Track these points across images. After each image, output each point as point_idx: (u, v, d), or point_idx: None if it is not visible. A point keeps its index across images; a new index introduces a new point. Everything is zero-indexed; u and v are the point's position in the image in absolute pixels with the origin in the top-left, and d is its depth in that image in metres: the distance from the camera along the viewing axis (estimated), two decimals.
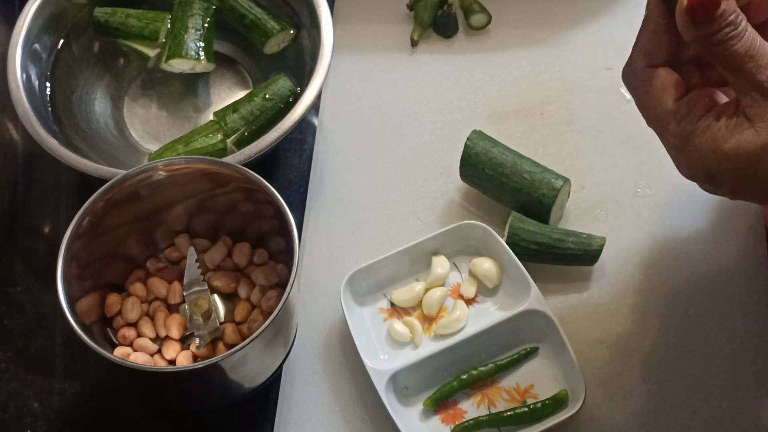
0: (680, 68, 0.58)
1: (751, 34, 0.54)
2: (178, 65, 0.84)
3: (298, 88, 0.82)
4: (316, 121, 0.87)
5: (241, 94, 0.86)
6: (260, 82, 0.86)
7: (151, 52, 0.87)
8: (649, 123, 0.59)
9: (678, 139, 0.56)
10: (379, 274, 0.76)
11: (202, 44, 0.84)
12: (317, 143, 0.86)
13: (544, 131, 0.85)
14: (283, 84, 0.82)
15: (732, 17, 0.53)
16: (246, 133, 0.81)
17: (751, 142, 0.53)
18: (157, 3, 0.88)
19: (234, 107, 0.82)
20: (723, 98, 0.58)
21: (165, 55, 0.83)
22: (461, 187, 0.82)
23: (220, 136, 0.80)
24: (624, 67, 0.60)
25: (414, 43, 0.91)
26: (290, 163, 0.85)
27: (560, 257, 0.76)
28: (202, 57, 0.84)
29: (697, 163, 0.56)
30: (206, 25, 0.85)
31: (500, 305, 0.75)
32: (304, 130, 0.87)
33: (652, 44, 0.57)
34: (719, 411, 0.71)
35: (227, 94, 0.87)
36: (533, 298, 0.72)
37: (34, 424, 0.73)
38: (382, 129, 0.87)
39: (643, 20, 0.58)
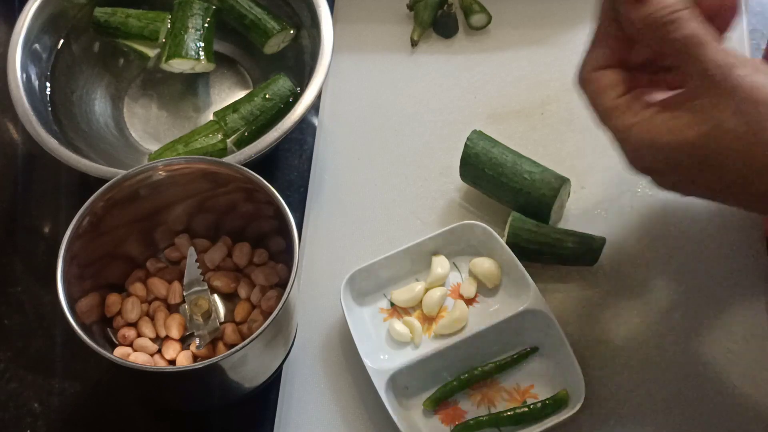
0: (629, 73, 0.60)
1: (696, 18, 0.54)
2: (177, 65, 0.84)
3: (298, 88, 0.82)
4: (316, 121, 0.87)
5: (241, 94, 0.86)
6: (260, 82, 0.86)
7: (151, 52, 0.87)
8: (598, 122, 0.60)
9: (620, 133, 0.57)
10: (379, 274, 0.76)
11: (202, 44, 0.84)
12: (317, 143, 0.86)
13: (544, 131, 0.85)
14: (283, 84, 0.82)
15: (670, 2, 0.54)
16: (246, 133, 0.81)
17: (689, 131, 0.54)
18: (157, 3, 0.88)
19: (234, 107, 0.82)
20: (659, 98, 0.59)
21: (165, 55, 0.83)
22: (461, 187, 0.82)
23: (220, 136, 0.80)
24: (576, 73, 0.61)
25: (414, 43, 0.91)
26: (290, 163, 0.85)
27: (560, 257, 0.76)
28: (202, 57, 0.84)
29: (637, 155, 0.57)
30: (206, 25, 0.85)
31: (500, 305, 0.75)
32: (304, 130, 0.87)
33: (599, 48, 0.59)
34: (719, 411, 0.71)
35: (227, 94, 0.87)
36: (533, 298, 0.72)
37: (34, 424, 0.73)
38: (382, 129, 0.87)
39: (596, 23, 0.60)
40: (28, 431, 0.73)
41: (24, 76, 0.80)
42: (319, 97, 0.82)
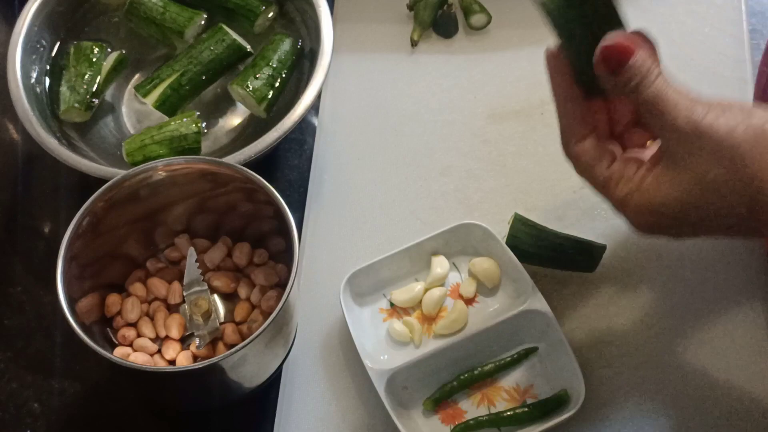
0: (605, 139, 0.63)
1: (663, 80, 0.57)
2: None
3: (299, 42, 0.84)
4: (316, 121, 0.87)
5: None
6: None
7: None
8: (595, 192, 0.62)
9: (618, 203, 0.59)
10: (378, 275, 0.76)
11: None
12: (317, 143, 0.86)
13: (544, 131, 0.85)
14: (285, 42, 0.84)
15: (640, 65, 0.57)
16: (273, 95, 0.82)
17: (675, 188, 0.56)
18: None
19: (253, 73, 0.82)
20: (649, 155, 0.61)
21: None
22: (461, 187, 0.82)
23: (193, 125, 0.80)
24: (562, 149, 0.63)
25: (414, 43, 0.91)
26: (290, 163, 0.85)
27: (559, 262, 0.76)
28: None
29: (640, 220, 0.59)
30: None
31: (500, 305, 0.75)
32: (304, 130, 0.87)
33: (570, 122, 0.62)
34: (719, 411, 0.71)
35: (224, 91, 0.87)
36: (533, 298, 0.72)
37: (34, 424, 0.73)
38: (382, 129, 0.87)
39: (557, 106, 0.62)
40: (28, 431, 0.73)
41: (24, 76, 0.80)
42: (319, 97, 0.82)
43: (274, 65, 0.83)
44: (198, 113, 0.82)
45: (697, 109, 0.55)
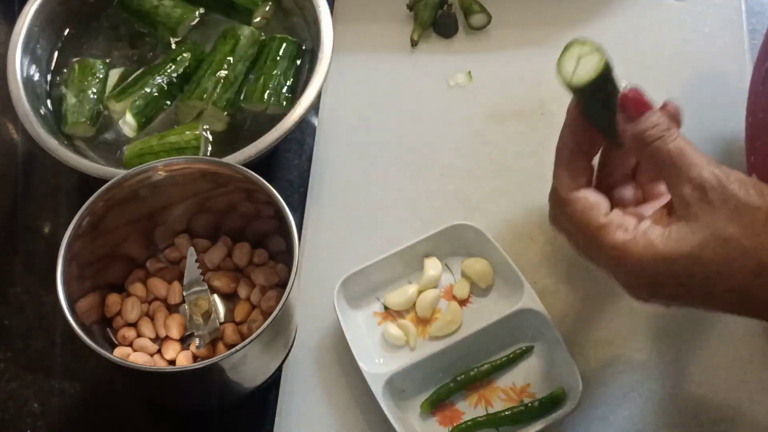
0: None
1: (680, 135, 0.57)
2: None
3: (303, 46, 0.85)
4: (316, 121, 0.87)
5: None
6: None
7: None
8: (581, 247, 0.60)
9: (615, 250, 0.57)
10: (371, 278, 0.76)
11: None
12: (317, 143, 0.86)
13: (544, 131, 0.85)
14: (286, 44, 0.84)
15: (663, 119, 0.58)
16: (288, 93, 0.82)
17: (688, 241, 0.55)
18: None
19: (263, 79, 0.82)
20: (648, 211, 0.60)
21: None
22: (461, 187, 0.82)
23: (194, 141, 0.80)
24: (549, 196, 0.62)
25: (414, 43, 0.91)
26: (290, 163, 0.85)
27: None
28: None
29: (637, 271, 0.56)
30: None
31: (494, 305, 0.75)
32: (304, 130, 0.87)
33: (571, 171, 0.61)
34: (719, 411, 0.71)
35: None
36: (526, 297, 0.72)
37: (34, 424, 0.73)
38: (382, 129, 0.87)
39: (558, 150, 0.62)
40: (28, 431, 0.73)
41: (24, 76, 0.80)
42: (319, 97, 0.82)
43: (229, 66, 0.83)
44: (206, 126, 0.82)
45: (721, 173, 0.55)
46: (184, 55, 0.84)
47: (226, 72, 0.83)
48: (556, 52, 0.90)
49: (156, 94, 0.82)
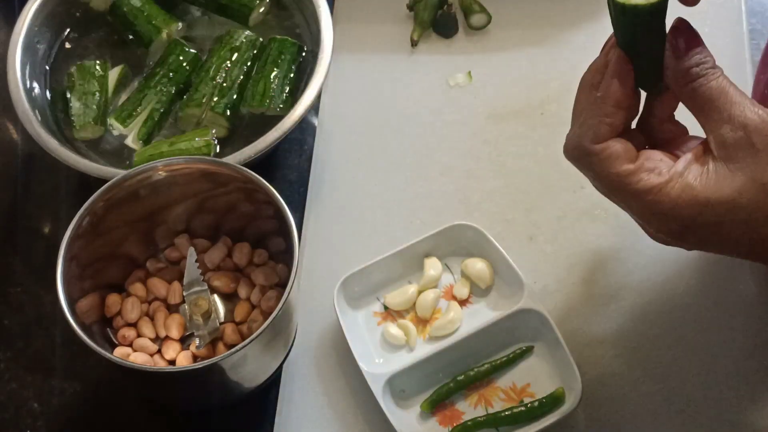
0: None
1: (723, 74, 0.55)
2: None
3: (304, 48, 0.85)
4: (316, 121, 0.87)
5: None
6: None
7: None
8: (610, 193, 0.57)
9: (649, 195, 0.54)
10: (371, 278, 0.76)
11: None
12: (317, 143, 0.86)
13: (544, 131, 0.85)
14: (287, 45, 0.84)
15: (710, 57, 0.55)
16: (287, 95, 0.82)
17: (727, 185, 0.52)
18: None
19: (263, 83, 0.82)
20: (685, 151, 0.57)
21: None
22: (461, 187, 0.82)
23: (205, 140, 0.80)
24: (565, 145, 0.59)
25: (414, 43, 0.91)
26: (290, 163, 0.85)
27: None
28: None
29: (672, 216, 0.54)
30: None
31: (494, 305, 0.75)
32: (304, 130, 0.87)
33: (602, 124, 0.56)
34: (719, 411, 0.71)
35: None
36: (526, 297, 0.72)
37: (34, 424, 0.73)
38: (382, 129, 0.87)
39: (597, 98, 0.57)
40: (28, 431, 0.73)
41: (24, 76, 0.80)
42: (319, 97, 0.82)
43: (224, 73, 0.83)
44: (214, 131, 0.82)
45: (766, 109, 0.53)
46: (181, 61, 0.84)
47: (223, 77, 0.82)
48: (556, 52, 0.90)
49: (161, 111, 0.82)
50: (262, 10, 0.87)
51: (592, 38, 0.91)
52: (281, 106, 0.81)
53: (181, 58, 0.84)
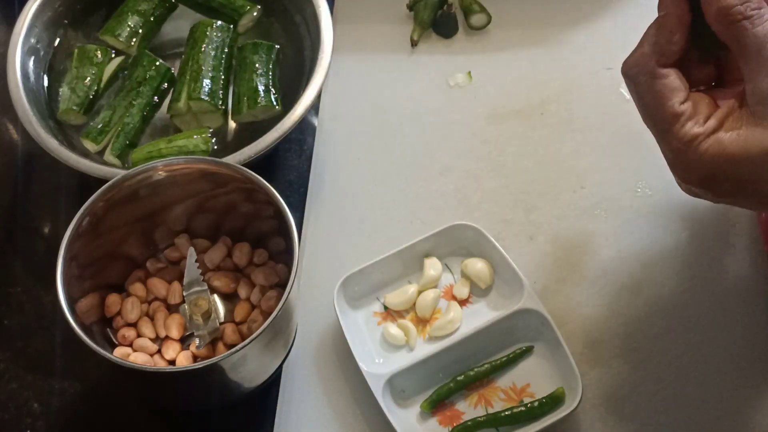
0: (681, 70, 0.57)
1: None
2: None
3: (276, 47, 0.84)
4: (316, 121, 0.87)
5: None
6: None
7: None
8: (648, 122, 0.57)
9: (682, 143, 0.54)
10: (371, 278, 0.76)
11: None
12: (317, 143, 0.86)
13: (544, 131, 0.85)
14: (263, 48, 0.84)
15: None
16: (274, 95, 0.82)
17: (759, 142, 0.52)
18: None
19: (239, 92, 0.82)
20: (725, 96, 0.56)
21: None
22: (461, 187, 0.83)
23: (203, 145, 0.80)
24: (628, 60, 0.58)
25: (414, 43, 0.91)
26: (290, 163, 0.85)
27: None
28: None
29: (699, 167, 0.54)
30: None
31: (494, 305, 0.75)
32: (304, 130, 0.87)
33: (668, 43, 0.56)
34: (719, 411, 0.71)
35: None
36: (526, 297, 0.73)
37: (34, 424, 0.73)
38: (382, 129, 0.87)
39: (660, 18, 0.57)
40: (28, 431, 0.73)
41: (24, 76, 0.80)
42: (319, 97, 0.82)
43: (212, 65, 0.82)
44: (211, 130, 0.82)
45: None
46: (148, 72, 0.83)
47: (195, 67, 0.82)
48: (556, 52, 0.91)
49: (132, 125, 0.81)
50: (254, 14, 0.87)
51: (592, 38, 0.91)
52: (276, 107, 0.81)
53: (147, 69, 0.83)
